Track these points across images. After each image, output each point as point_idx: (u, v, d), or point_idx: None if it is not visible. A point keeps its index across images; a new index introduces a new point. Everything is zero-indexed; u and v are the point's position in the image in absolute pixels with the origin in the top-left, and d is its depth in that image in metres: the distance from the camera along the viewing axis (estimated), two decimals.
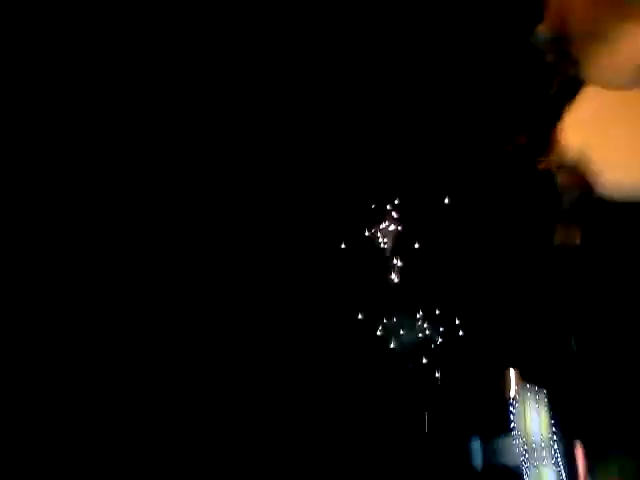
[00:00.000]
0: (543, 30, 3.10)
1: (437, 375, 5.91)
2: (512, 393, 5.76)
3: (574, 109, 2.82)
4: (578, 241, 4.37)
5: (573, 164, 2.86)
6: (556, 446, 5.08)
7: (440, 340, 5.90)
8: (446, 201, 5.52)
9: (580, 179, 3.00)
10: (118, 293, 6.66)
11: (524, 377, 5.45)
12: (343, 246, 6.23)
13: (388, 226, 6.38)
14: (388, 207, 6.25)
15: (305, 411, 6.28)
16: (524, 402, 5.79)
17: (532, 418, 5.91)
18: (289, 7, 6.22)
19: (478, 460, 5.53)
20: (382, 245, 6.39)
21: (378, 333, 6.06)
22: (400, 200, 6.17)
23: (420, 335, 5.83)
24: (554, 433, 5.18)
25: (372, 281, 6.59)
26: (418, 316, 5.96)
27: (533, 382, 5.54)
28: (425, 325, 5.83)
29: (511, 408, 5.71)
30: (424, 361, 5.86)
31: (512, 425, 5.63)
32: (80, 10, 6.20)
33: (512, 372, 6.01)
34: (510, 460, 5.47)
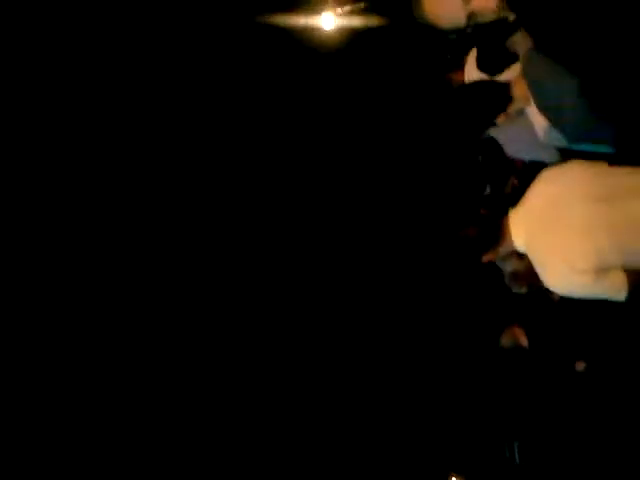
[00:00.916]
0: None
1: None
2: None
3: (524, 200, 2.92)
4: (525, 343, 4.47)
5: (521, 256, 2.97)
6: None
7: None
8: None
9: (527, 272, 3.11)
10: (117, 290, 6.64)
11: None
12: None
13: None
14: None
15: None
16: None
17: None
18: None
19: None
20: None
21: None
22: None
23: None
24: None
25: None
26: None
27: None
28: None
29: None
30: None
31: None
32: (80, 10, 6.28)
33: None
34: None
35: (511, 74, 3.21)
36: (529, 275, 3.72)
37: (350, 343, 6.95)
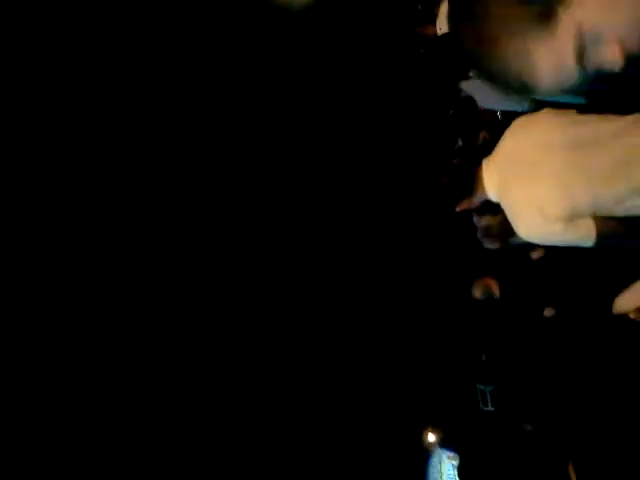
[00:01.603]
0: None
1: None
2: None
3: (496, 149, 2.94)
4: (497, 293, 4.53)
5: (495, 212, 3.00)
6: None
7: None
8: None
9: (500, 228, 3.16)
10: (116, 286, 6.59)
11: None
12: None
13: None
14: None
15: None
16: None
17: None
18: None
19: None
20: None
21: None
22: None
23: None
24: None
25: None
26: None
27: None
28: None
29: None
30: None
31: None
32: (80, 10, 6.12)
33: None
34: None
35: None
36: (502, 231, 3.79)
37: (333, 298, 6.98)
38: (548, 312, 4.01)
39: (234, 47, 6.90)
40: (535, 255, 4.44)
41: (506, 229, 3.20)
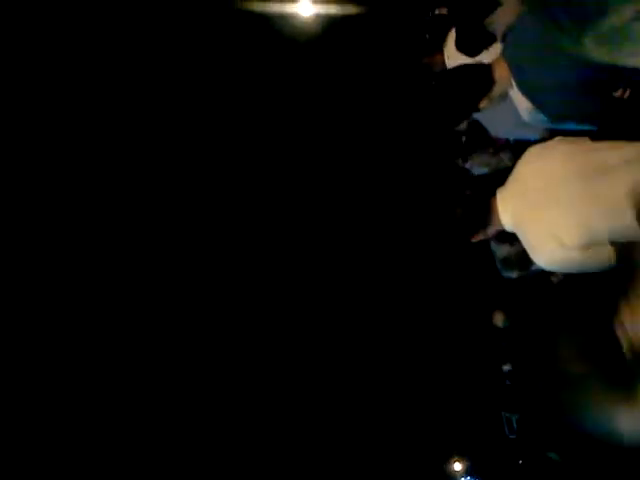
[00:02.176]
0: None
1: None
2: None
3: (511, 179, 2.94)
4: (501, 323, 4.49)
5: (513, 243, 2.99)
6: None
7: None
8: None
9: (518, 258, 3.13)
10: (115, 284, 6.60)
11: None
12: None
13: None
14: None
15: None
16: None
17: None
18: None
19: None
20: None
21: None
22: None
23: None
24: None
25: None
26: None
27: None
28: None
29: None
30: None
31: None
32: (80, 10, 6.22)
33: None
34: None
35: (491, 56, 3.22)
36: (520, 260, 3.76)
37: (342, 327, 6.96)
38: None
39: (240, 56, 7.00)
40: (555, 279, 4.39)
41: (524, 258, 3.18)
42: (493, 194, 2.84)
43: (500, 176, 3.02)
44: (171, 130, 6.81)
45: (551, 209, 2.61)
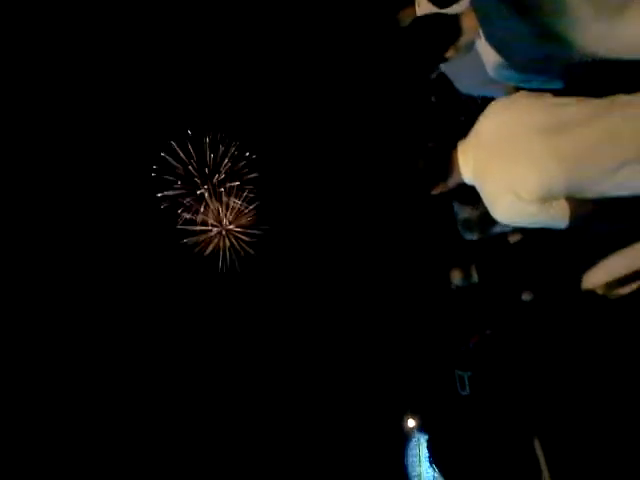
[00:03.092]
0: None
1: None
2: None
3: (473, 131, 2.94)
4: (475, 279, 4.54)
5: (475, 205, 3.01)
6: None
7: None
8: None
9: (480, 221, 3.17)
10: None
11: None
12: None
13: None
14: None
15: None
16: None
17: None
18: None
19: None
20: None
21: None
22: None
23: None
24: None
25: None
26: None
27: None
28: None
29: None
30: None
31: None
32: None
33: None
34: None
35: (460, 7, 3.20)
36: (481, 222, 3.79)
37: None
38: (526, 296, 4.03)
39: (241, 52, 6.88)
40: (513, 239, 4.45)
41: (485, 221, 3.21)
42: (455, 146, 2.85)
43: (462, 129, 3.02)
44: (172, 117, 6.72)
45: (511, 162, 2.62)
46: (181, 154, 7.45)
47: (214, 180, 7.32)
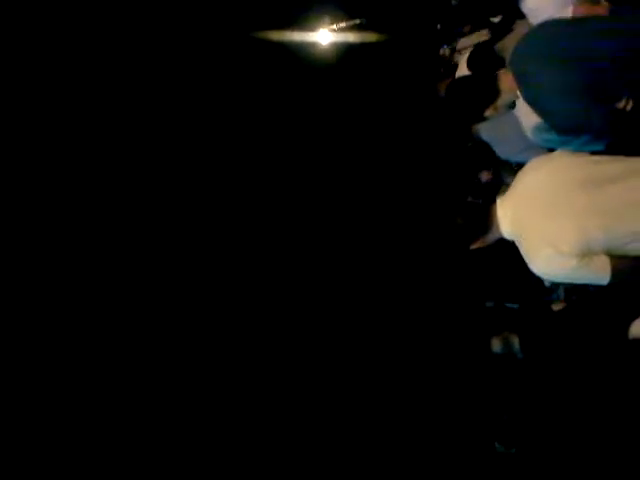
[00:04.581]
0: None
1: None
2: None
3: (512, 187, 2.97)
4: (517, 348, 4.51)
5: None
6: None
7: None
8: None
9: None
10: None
11: None
12: None
13: None
14: None
15: None
16: None
17: None
18: None
19: None
20: None
21: None
22: None
23: None
24: None
25: None
26: None
27: None
28: None
29: None
30: None
31: None
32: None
33: None
34: None
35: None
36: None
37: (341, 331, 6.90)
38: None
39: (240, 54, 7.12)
40: (557, 307, 4.40)
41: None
42: (494, 201, 2.88)
43: (502, 187, 3.06)
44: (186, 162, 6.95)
45: (550, 216, 2.64)
46: None
47: None
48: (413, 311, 6.59)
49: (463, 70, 4.01)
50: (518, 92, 2.93)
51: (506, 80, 2.91)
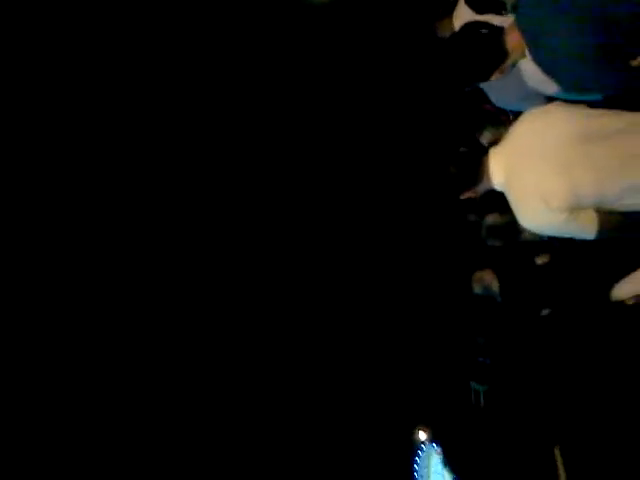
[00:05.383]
0: None
1: None
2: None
3: (506, 138, 2.95)
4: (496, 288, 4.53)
5: (503, 213, 3.03)
6: None
7: None
8: None
9: (507, 221, 3.18)
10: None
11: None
12: None
13: None
14: None
15: None
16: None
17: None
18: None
19: None
20: None
21: None
22: None
23: None
24: None
25: None
26: None
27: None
28: None
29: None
30: None
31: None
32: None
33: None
34: None
35: (500, 20, 3.18)
36: (507, 230, 3.81)
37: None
38: (544, 310, 4.03)
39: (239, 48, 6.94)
40: (540, 261, 4.44)
41: (512, 228, 3.21)
42: (487, 152, 2.87)
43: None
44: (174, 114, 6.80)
45: (542, 169, 2.64)
46: None
47: None
48: (398, 257, 6.66)
49: (462, 8, 3.90)
50: (526, 52, 2.80)
51: (512, 38, 2.71)
